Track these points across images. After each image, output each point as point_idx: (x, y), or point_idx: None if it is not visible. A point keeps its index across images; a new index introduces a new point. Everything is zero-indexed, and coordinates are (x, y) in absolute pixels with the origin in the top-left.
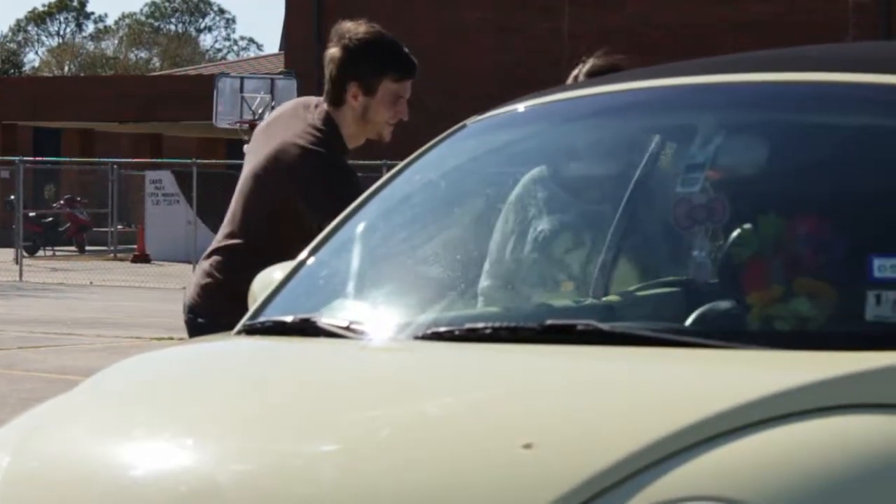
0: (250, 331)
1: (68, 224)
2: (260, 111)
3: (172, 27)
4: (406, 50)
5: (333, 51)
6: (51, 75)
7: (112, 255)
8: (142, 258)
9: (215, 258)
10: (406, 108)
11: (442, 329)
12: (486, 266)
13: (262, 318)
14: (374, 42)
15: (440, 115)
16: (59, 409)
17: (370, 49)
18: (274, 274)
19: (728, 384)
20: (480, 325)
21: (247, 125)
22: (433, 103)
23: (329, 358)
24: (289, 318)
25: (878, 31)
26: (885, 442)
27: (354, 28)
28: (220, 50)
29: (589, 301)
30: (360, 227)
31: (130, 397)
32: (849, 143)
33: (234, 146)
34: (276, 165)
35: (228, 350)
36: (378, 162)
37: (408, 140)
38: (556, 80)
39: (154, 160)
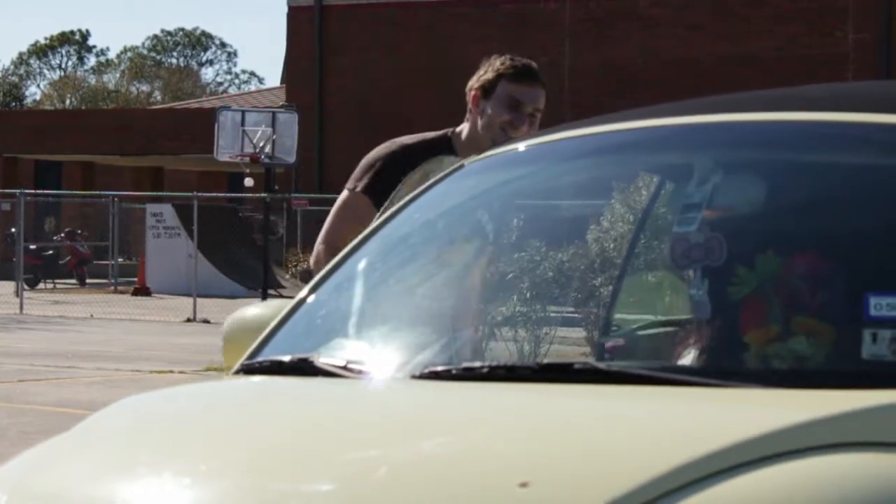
0: (248, 370)
1: (69, 257)
2: (261, 144)
3: (174, 61)
4: (533, 67)
5: None
6: (52, 108)
7: (113, 287)
8: (142, 291)
9: None
10: (527, 121)
11: (439, 368)
12: (485, 303)
13: (259, 358)
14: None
15: None
16: (58, 449)
17: (493, 62)
18: (246, 313)
19: (724, 423)
20: (477, 363)
21: (248, 159)
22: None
23: (326, 397)
24: (286, 358)
25: (879, 67)
26: (882, 480)
27: None
28: (221, 83)
29: (587, 339)
30: (359, 266)
31: (128, 437)
32: (845, 182)
33: (235, 180)
34: None
35: (227, 390)
36: None
37: None
38: (555, 115)
39: (155, 193)
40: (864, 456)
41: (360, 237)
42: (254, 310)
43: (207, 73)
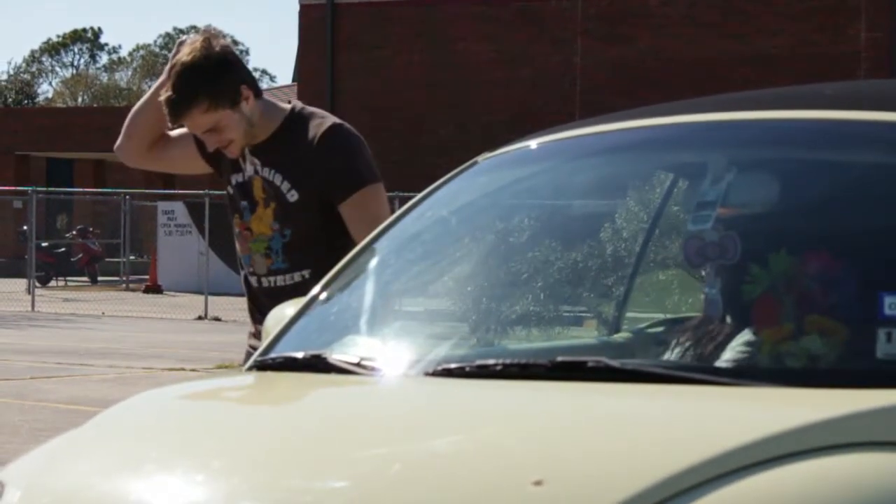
0: (262, 367)
1: (80, 254)
2: None
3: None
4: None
5: None
6: (64, 106)
7: (124, 285)
8: (154, 289)
9: None
10: (215, 138)
11: (452, 365)
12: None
13: (273, 354)
14: None
15: (451, 148)
16: (71, 444)
17: None
18: (286, 310)
19: (738, 422)
20: (491, 361)
21: None
22: (444, 136)
23: (339, 394)
24: (300, 355)
25: (891, 66)
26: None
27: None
28: None
29: (600, 338)
30: (372, 263)
31: (141, 433)
32: (860, 180)
33: None
34: None
35: (240, 386)
36: (390, 194)
37: (418, 172)
38: (566, 113)
39: (166, 191)
40: (880, 456)
41: (372, 234)
42: (293, 308)
43: None
